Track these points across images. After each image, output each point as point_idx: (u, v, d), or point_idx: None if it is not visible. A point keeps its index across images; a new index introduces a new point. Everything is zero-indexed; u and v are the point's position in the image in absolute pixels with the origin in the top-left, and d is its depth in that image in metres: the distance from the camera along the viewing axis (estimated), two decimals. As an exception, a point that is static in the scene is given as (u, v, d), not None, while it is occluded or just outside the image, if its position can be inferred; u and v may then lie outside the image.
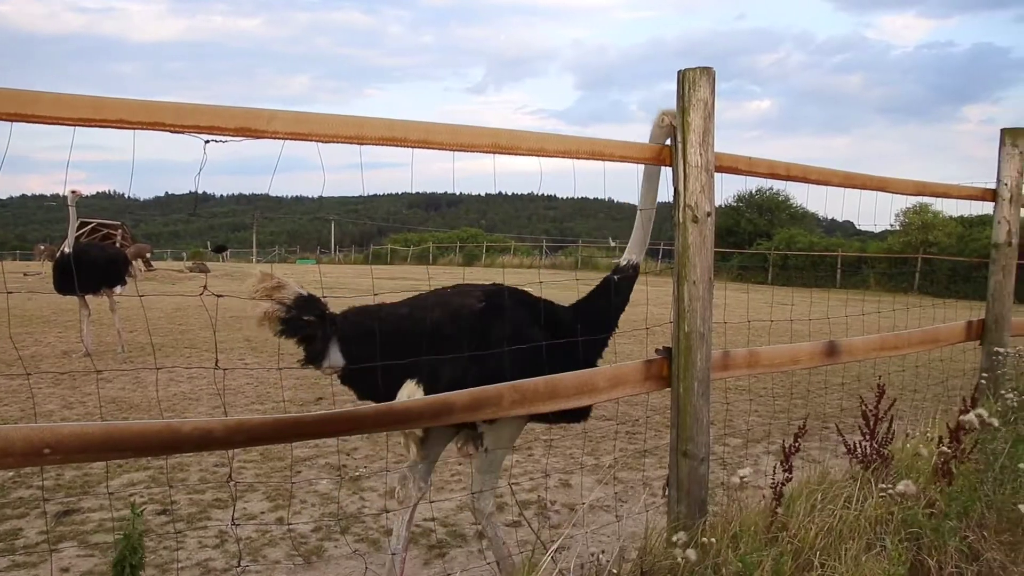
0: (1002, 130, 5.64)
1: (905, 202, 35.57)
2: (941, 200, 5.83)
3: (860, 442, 3.88)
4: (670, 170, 3.58)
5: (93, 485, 5.53)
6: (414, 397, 3.38)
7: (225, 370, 3.81)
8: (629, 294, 3.85)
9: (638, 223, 3.85)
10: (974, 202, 5.92)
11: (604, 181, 3.57)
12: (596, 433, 7.10)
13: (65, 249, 11.19)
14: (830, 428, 7.06)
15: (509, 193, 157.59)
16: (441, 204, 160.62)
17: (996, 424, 3.72)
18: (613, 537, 4.52)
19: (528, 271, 36.07)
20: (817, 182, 4.48)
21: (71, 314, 13.99)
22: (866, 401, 3.99)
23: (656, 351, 3.61)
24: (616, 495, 5.48)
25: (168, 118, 2.48)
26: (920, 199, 28.57)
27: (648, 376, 3.56)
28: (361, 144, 2.85)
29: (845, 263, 36.17)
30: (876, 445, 3.82)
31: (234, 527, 4.75)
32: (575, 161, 3.41)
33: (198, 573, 4.24)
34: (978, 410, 3.68)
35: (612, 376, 3.45)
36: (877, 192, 5.09)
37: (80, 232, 25.88)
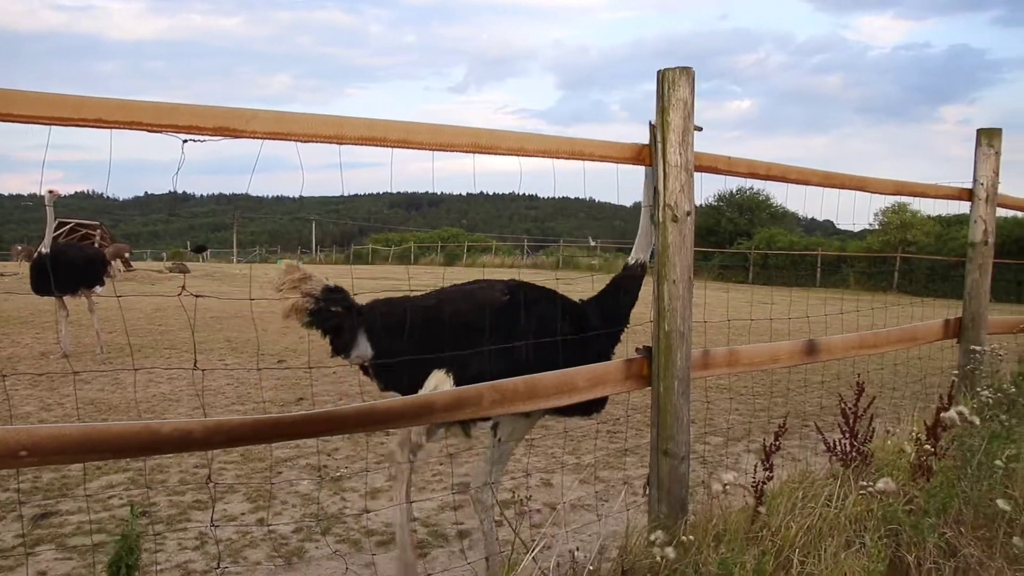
0: (978, 130, 5.68)
1: (883, 201, 35.84)
2: (919, 199, 5.87)
3: (840, 440, 3.90)
4: (644, 168, 3.62)
5: (71, 487, 5.49)
6: (442, 388, 3.43)
7: (204, 371, 3.80)
8: (638, 292, 3.89)
9: (643, 223, 3.85)
10: (951, 201, 5.96)
11: (584, 181, 3.58)
12: (577, 432, 7.11)
13: (42, 250, 11.10)
14: (810, 426, 7.10)
15: (490, 193, 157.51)
16: (422, 204, 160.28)
17: (977, 422, 3.75)
18: (594, 536, 4.53)
19: (509, 271, 36.08)
20: (796, 181, 4.50)
21: (49, 315, 13.88)
22: (845, 399, 4.01)
23: (636, 350, 3.61)
24: (597, 494, 5.49)
25: (146, 117, 2.47)
26: (898, 198, 28.82)
27: (628, 375, 3.56)
28: (341, 144, 2.84)
29: (825, 262, 36.41)
30: (856, 443, 3.84)
31: (213, 528, 4.73)
32: (556, 161, 3.42)
33: (178, 575, 4.21)
34: (959, 408, 3.71)
35: (592, 375, 3.45)
36: (856, 192, 5.12)
37: (58, 232, 25.70)
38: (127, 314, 16.10)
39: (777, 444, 3.47)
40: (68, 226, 30.43)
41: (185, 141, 2.56)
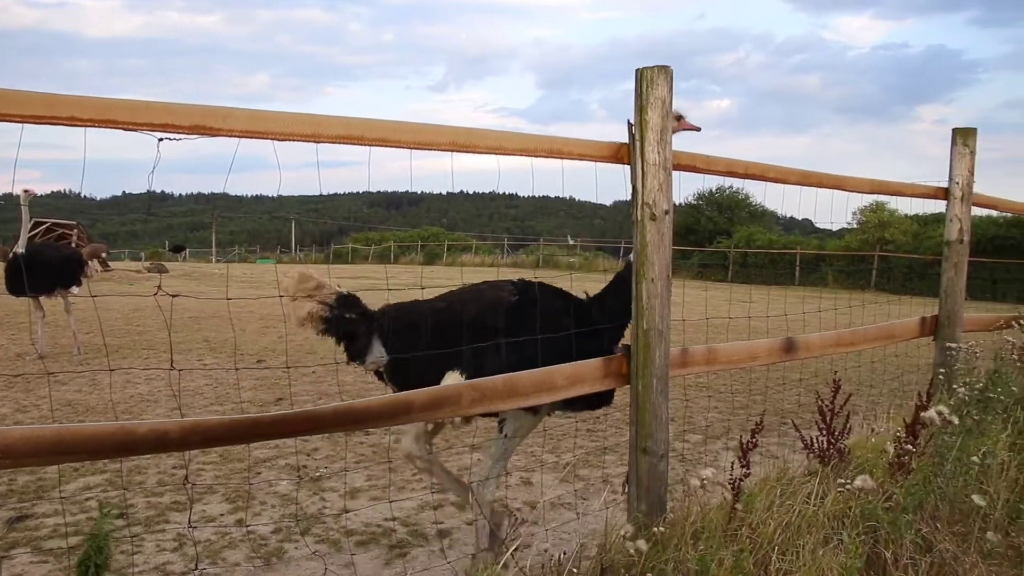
0: (954, 130, 5.72)
1: (861, 200, 36.12)
2: (897, 198, 5.91)
3: (817, 438, 3.93)
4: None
5: (47, 490, 5.44)
6: None
7: (180, 371, 3.79)
8: None
9: None
10: (928, 200, 6.00)
11: (562, 180, 3.59)
12: (557, 431, 7.12)
13: (18, 250, 10.98)
14: (789, 424, 7.14)
15: (470, 192, 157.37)
16: (402, 203, 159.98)
17: (956, 421, 3.78)
18: (574, 535, 4.54)
19: (489, 270, 36.06)
20: (775, 180, 4.52)
21: (24, 316, 13.74)
22: (822, 397, 4.03)
23: (615, 348, 3.62)
24: (577, 492, 5.50)
25: (121, 116, 2.45)
26: (876, 197, 29.05)
27: (607, 373, 3.57)
28: (318, 142, 2.83)
29: (804, 261, 36.61)
30: (833, 440, 3.86)
31: (191, 530, 4.70)
32: (536, 160, 3.42)
33: (155, 577, 4.19)
34: (938, 407, 3.73)
35: (571, 374, 3.46)
36: (834, 190, 5.14)
37: (34, 232, 25.45)
38: (105, 314, 15.98)
39: (754, 441, 3.49)
40: (44, 226, 30.15)
41: (161, 140, 2.55)
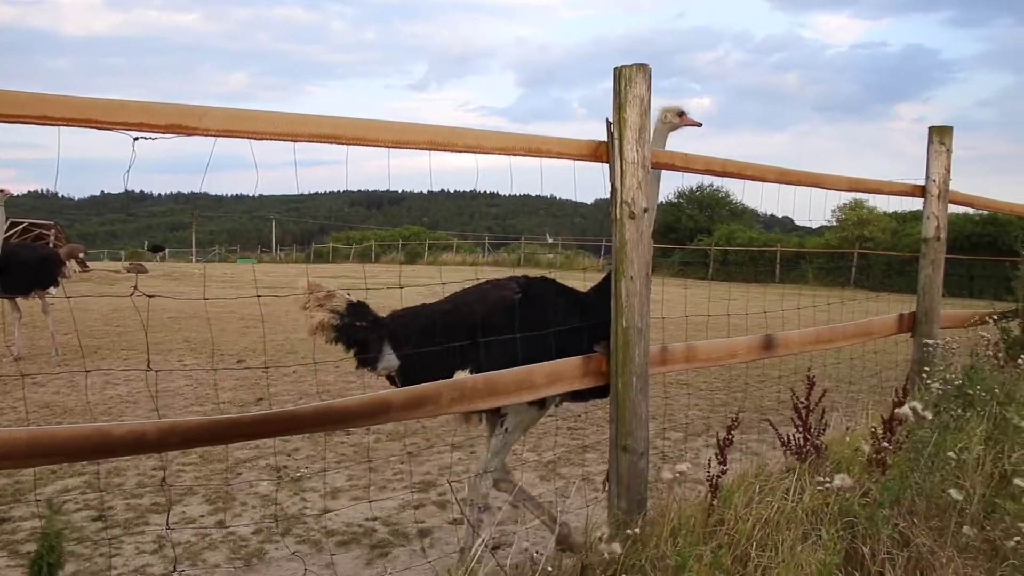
0: (930, 128, 5.75)
1: (839, 198, 36.38)
2: (875, 196, 5.94)
3: (794, 434, 3.95)
4: (658, 172, 3.87)
5: (25, 492, 5.39)
6: None
7: (157, 371, 3.76)
8: None
9: None
10: (906, 198, 6.03)
11: (541, 178, 3.59)
12: (537, 429, 7.11)
13: (-6, 250, 10.87)
14: (771, 420, 7.18)
15: (451, 191, 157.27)
16: (383, 202, 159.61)
17: (930, 417, 3.81)
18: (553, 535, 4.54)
19: (471, 268, 36.04)
20: (753, 178, 4.54)
21: (0, 317, 13.62)
22: (797, 394, 4.06)
23: (594, 346, 3.63)
24: (557, 491, 5.50)
25: (96, 115, 2.43)
26: (854, 195, 29.20)
27: (587, 372, 3.57)
28: (296, 141, 2.82)
29: (784, 258, 36.80)
30: (809, 437, 3.88)
31: (169, 531, 4.67)
32: (516, 158, 3.43)
33: (134, 579, 4.16)
34: (912, 403, 3.76)
35: (551, 372, 3.46)
36: (812, 188, 5.16)
37: (11, 233, 25.19)
38: (84, 315, 15.86)
39: (730, 438, 3.50)
40: (21, 226, 29.90)
41: (136, 139, 2.53)
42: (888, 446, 3.70)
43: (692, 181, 44.79)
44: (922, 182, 5.82)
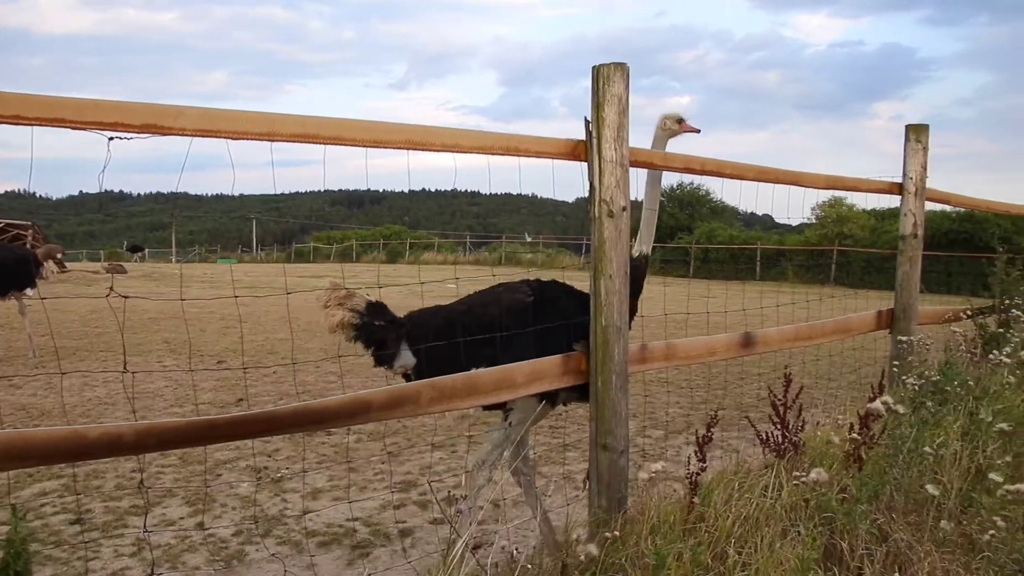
0: (907, 126, 5.79)
1: (817, 196, 36.57)
2: (853, 193, 5.98)
3: (772, 432, 3.96)
4: (658, 173, 4.07)
5: (0, 496, 5.34)
6: None
7: (134, 373, 3.73)
8: (643, 282, 4.08)
9: (644, 220, 4.10)
10: (884, 195, 6.07)
11: (519, 177, 3.60)
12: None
13: (-31, 251, 10.78)
14: (750, 417, 7.21)
15: (432, 190, 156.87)
16: (364, 201, 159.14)
17: (901, 410, 3.83)
18: (535, 532, 4.54)
19: (451, 267, 35.96)
20: (731, 176, 4.55)
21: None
22: (774, 391, 4.08)
23: (574, 345, 3.63)
24: (539, 489, 5.50)
25: (68, 114, 2.40)
26: (832, 192, 29.37)
27: (567, 370, 3.58)
28: (272, 141, 2.81)
29: (764, 256, 36.96)
30: (788, 434, 3.90)
31: (148, 534, 4.64)
32: (495, 157, 3.42)
33: (113, 582, 4.13)
34: (884, 397, 3.79)
35: (531, 371, 3.46)
36: (790, 186, 5.18)
37: (-12, 233, 24.95)
38: (62, 316, 15.73)
39: (709, 435, 3.51)
40: (-2, 227, 29.60)
41: (111, 139, 2.51)
42: (860, 438, 3.72)
43: (672, 179, 44.95)
44: (899, 180, 5.86)
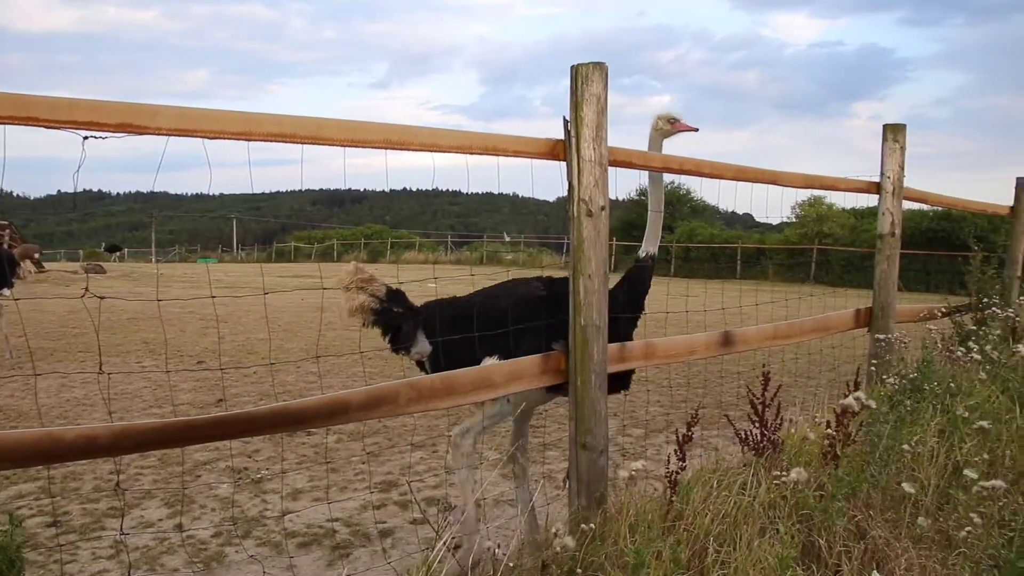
0: (884, 126, 5.82)
1: (796, 195, 36.80)
2: (832, 192, 6.01)
3: (750, 430, 3.98)
4: (659, 175, 4.16)
5: (-22, 498, 5.30)
6: None
7: (110, 374, 3.70)
8: (650, 281, 4.18)
9: (650, 221, 4.20)
10: (863, 194, 6.10)
11: (498, 176, 3.59)
12: (498, 427, 7.11)
13: (-55, 251, 10.66)
14: (729, 416, 7.24)
15: (413, 189, 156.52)
16: (345, 201, 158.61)
17: (874, 406, 3.85)
18: (516, 531, 4.54)
19: (432, 267, 35.86)
20: (710, 175, 4.57)
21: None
22: (753, 390, 4.09)
23: (553, 345, 3.64)
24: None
25: (42, 113, 2.37)
26: (810, 191, 29.52)
27: (546, 370, 3.58)
28: (249, 140, 2.79)
29: (745, 255, 37.13)
30: (766, 432, 3.92)
31: (123, 536, 4.60)
32: (475, 157, 3.42)
33: (90, 585, 4.10)
34: (857, 393, 3.81)
35: (509, 371, 3.46)
36: (769, 185, 5.20)
37: (-36, 233, 24.70)
38: (40, 316, 15.60)
39: (690, 434, 3.52)
40: (-26, 227, 29.31)
41: (86, 138, 2.48)
42: (835, 435, 3.73)
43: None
44: (877, 179, 5.89)
